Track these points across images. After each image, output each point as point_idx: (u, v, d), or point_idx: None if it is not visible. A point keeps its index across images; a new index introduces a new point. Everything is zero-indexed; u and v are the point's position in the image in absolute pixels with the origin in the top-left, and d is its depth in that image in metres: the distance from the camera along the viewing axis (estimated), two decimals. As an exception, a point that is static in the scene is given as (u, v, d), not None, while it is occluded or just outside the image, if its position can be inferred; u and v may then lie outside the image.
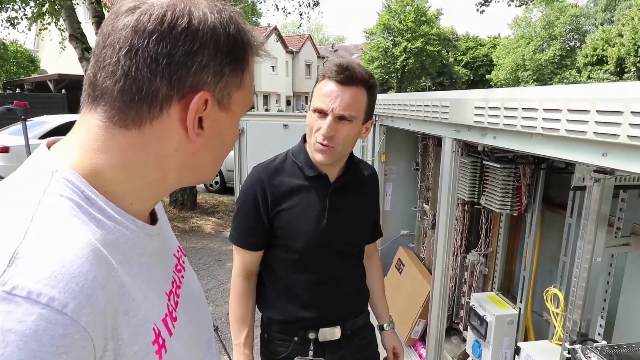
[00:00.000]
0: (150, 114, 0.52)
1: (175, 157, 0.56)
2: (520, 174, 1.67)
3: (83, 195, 0.49)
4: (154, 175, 0.56)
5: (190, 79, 0.52)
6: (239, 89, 0.58)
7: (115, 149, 0.52)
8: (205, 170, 0.61)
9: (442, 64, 33.35)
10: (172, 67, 0.50)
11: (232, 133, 0.62)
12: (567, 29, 31.35)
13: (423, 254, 2.54)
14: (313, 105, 1.23)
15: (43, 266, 0.40)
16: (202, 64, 0.52)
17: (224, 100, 0.56)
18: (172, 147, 0.55)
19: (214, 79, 0.54)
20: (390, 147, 2.58)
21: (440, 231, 1.69)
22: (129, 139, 0.52)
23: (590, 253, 1.18)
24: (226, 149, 0.62)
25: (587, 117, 0.91)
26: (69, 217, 0.46)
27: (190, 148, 0.56)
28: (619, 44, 24.65)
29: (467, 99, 1.42)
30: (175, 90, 0.51)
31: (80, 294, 0.41)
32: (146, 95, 0.51)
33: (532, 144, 1.13)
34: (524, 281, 1.78)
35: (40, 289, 0.39)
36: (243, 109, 0.61)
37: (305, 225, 1.29)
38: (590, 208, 1.15)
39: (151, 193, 0.58)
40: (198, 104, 0.52)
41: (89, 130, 0.53)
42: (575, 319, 1.24)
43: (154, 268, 0.59)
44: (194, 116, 0.53)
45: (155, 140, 0.53)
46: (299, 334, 1.33)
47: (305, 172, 1.31)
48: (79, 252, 0.44)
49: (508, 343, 1.71)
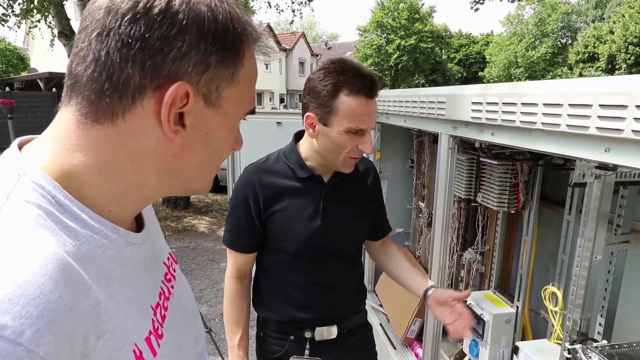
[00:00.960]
0: (122, 105, 0.46)
1: (155, 159, 0.49)
2: (517, 170, 1.65)
3: (55, 201, 0.44)
4: (132, 179, 0.50)
5: (167, 67, 0.45)
6: (231, 84, 0.51)
7: (89, 148, 0.47)
8: (192, 177, 0.54)
9: (435, 62, 33.39)
10: (145, 52, 0.44)
11: (223, 136, 0.54)
12: (559, 26, 31.54)
13: (419, 252, 2.52)
14: (348, 126, 1.12)
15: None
16: (182, 50, 0.45)
17: (211, 96, 0.49)
18: (149, 146, 0.48)
19: (197, 70, 0.47)
20: (385, 145, 2.55)
21: (437, 229, 1.67)
22: (102, 135, 0.47)
23: (591, 251, 1.16)
24: (217, 154, 0.55)
25: (589, 112, 0.89)
26: (34, 227, 0.41)
27: (171, 149, 0.49)
28: (610, 41, 24.82)
29: (464, 94, 1.39)
30: (149, 79, 0.45)
31: (39, 319, 0.36)
32: (117, 84, 0.45)
33: (532, 140, 1.11)
34: (521, 279, 1.76)
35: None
36: (239, 110, 0.54)
37: (299, 227, 1.26)
38: (591, 205, 1.13)
39: (131, 199, 0.52)
40: (175, 95, 0.46)
41: (62, 127, 0.48)
42: (575, 318, 1.21)
43: (137, 280, 0.53)
44: (169, 109, 0.46)
45: (131, 137, 0.47)
46: (295, 333, 1.31)
47: (297, 174, 1.27)
48: (41, 269, 0.38)
49: (505, 342, 1.69)
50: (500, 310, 1.68)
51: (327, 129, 1.16)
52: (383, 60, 31.50)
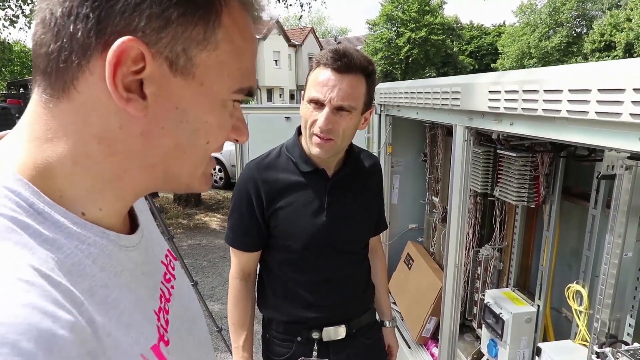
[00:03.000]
0: (69, 71, 0.39)
1: (123, 140, 0.42)
2: (537, 162, 1.56)
3: (32, 209, 0.38)
4: (107, 168, 0.43)
5: (115, 20, 0.38)
6: (205, 48, 0.42)
7: (57, 133, 0.41)
8: (174, 166, 0.46)
9: (446, 54, 32.97)
10: (89, 5, 0.38)
11: (201, 112, 0.45)
12: (574, 15, 30.79)
13: (433, 249, 2.45)
14: (308, 95, 1.13)
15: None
16: (132, 1, 0.38)
17: (178, 61, 0.41)
18: (113, 123, 0.41)
19: (152, 25, 0.39)
20: (397, 138, 2.47)
21: (452, 225, 1.60)
22: (63, 114, 0.41)
23: (620, 247, 1.08)
24: (202, 138, 0.46)
25: (621, 97, 0.81)
26: (5, 247, 0.35)
27: (136, 125, 0.42)
28: (628, 29, 24.16)
29: (480, 83, 1.32)
30: (95, 36, 0.38)
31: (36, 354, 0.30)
32: (61, 45, 0.38)
33: (555, 129, 1.03)
34: (542, 277, 1.68)
35: None
36: (223, 84, 0.45)
37: (303, 223, 1.21)
38: (620, 199, 1.05)
39: (115, 193, 0.45)
40: (120, 52, 0.38)
41: (30, 111, 0.42)
42: (604, 318, 1.14)
43: (138, 286, 0.48)
44: (115, 69, 0.38)
45: (91, 113, 0.40)
46: (302, 334, 1.26)
47: (300, 168, 1.22)
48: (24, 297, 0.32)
49: (526, 342, 1.62)
50: (520, 309, 1.61)
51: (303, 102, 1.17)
52: (393, 53, 31.23)
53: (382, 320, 1.50)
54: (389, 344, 1.50)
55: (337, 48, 1.12)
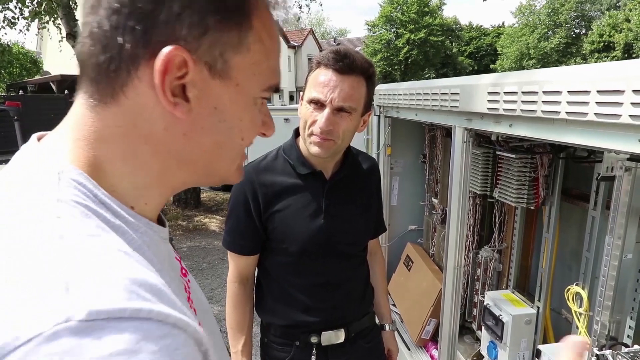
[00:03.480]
0: (120, 79, 0.42)
1: (168, 141, 0.46)
2: (537, 164, 1.56)
3: (97, 200, 0.42)
4: (154, 166, 0.46)
5: (159, 31, 0.41)
6: (239, 51, 0.45)
7: (105, 135, 0.44)
8: (212, 161, 0.50)
9: (445, 55, 33.00)
10: (134, 18, 0.41)
11: (238, 112, 0.48)
12: (573, 16, 30.83)
13: (432, 250, 2.45)
14: (308, 95, 1.12)
15: (111, 283, 0.33)
16: (173, 11, 0.41)
17: (216, 64, 0.44)
18: (159, 125, 0.44)
19: (193, 33, 0.42)
20: (396, 140, 2.47)
21: (452, 226, 1.60)
22: (111, 118, 0.44)
23: (620, 249, 1.08)
24: (237, 135, 0.50)
25: (621, 98, 0.81)
26: (93, 229, 0.38)
27: (180, 127, 0.45)
28: (627, 29, 24.19)
29: (479, 84, 1.31)
30: (141, 47, 0.41)
31: (169, 303, 0.35)
32: (111, 56, 0.42)
33: (555, 131, 1.03)
34: (542, 278, 1.68)
35: (124, 305, 0.31)
36: (255, 83, 0.48)
37: (301, 226, 1.20)
38: (620, 200, 1.05)
39: (159, 190, 0.49)
40: (167, 61, 0.41)
41: (75, 114, 0.45)
42: (604, 320, 1.14)
43: (175, 276, 0.52)
44: (163, 77, 0.41)
45: (138, 117, 0.44)
46: (301, 338, 1.25)
47: (297, 170, 1.21)
48: (129, 262, 0.37)
49: (526, 344, 1.61)
50: (520, 310, 1.60)
51: (302, 103, 1.16)
52: (392, 54, 31.25)
53: (381, 323, 1.49)
54: (388, 348, 1.49)
55: (339, 49, 1.12)
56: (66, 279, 0.31)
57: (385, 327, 1.49)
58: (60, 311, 0.29)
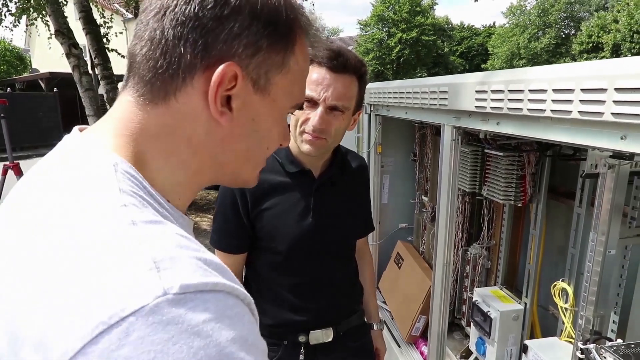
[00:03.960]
0: (174, 84, 0.46)
1: (207, 144, 0.50)
2: (524, 162, 1.58)
3: (147, 191, 0.45)
4: (192, 166, 0.51)
5: (219, 46, 0.46)
6: (281, 71, 0.51)
7: (150, 132, 0.48)
8: (240, 165, 0.55)
9: (437, 54, 33.13)
10: (198, 32, 0.45)
11: (270, 125, 0.53)
12: (562, 16, 31.15)
13: (422, 248, 2.46)
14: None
15: (187, 262, 0.37)
16: (233, 31, 0.46)
17: (260, 81, 0.49)
18: (201, 130, 0.49)
19: (247, 52, 0.47)
20: (387, 138, 2.48)
21: (441, 224, 1.61)
22: (159, 117, 0.47)
23: (604, 245, 1.09)
24: (264, 144, 0.55)
25: (604, 97, 0.82)
26: (153, 216, 0.42)
27: (219, 132, 0.49)
28: (615, 30, 24.50)
29: (467, 82, 1.33)
30: (200, 58, 0.46)
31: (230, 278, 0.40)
32: (169, 62, 0.46)
33: (540, 129, 1.04)
34: (529, 275, 1.70)
35: (205, 279, 0.36)
36: (287, 100, 0.54)
37: (289, 225, 1.20)
38: (604, 197, 1.07)
39: (191, 187, 0.53)
40: (223, 74, 0.46)
41: (122, 110, 0.48)
42: (588, 315, 1.15)
43: None
44: (217, 89, 0.46)
45: (184, 119, 0.48)
46: (289, 337, 1.24)
47: (286, 169, 1.21)
48: (191, 244, 0.40)
49: (513, 340, 1.63)
50: (507, 307, 1.62)
51: None
52: (384, 54, 31.30)
53: (370, 322, 1.50)
54: (376, 347, 1.50)
55: (332, 47, 1.11)
56: (153, 259, 0.35)
57: (374, 326, 1.50)
58: (158, 286, 0.33)
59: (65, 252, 0.36)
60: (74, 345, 0.32)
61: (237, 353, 0.35)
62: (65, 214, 0.39)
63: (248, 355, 0.36)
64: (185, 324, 0.33)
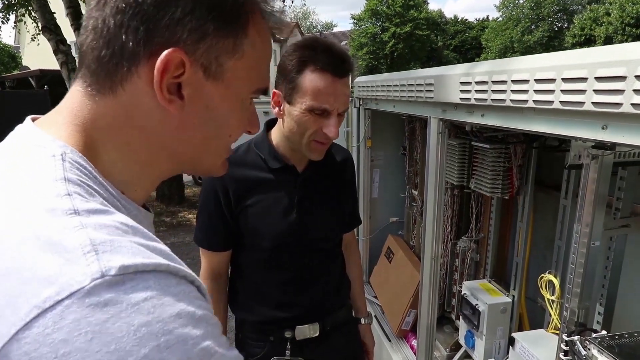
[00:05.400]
0: (119, 74, 0.45)
1: (161, 134, 0.49)
2: (511, 154, 1.57)
3: (97, 181, 0.45)
4: (146, 156, 0.50)
5: (161, 33, 0.44)
6: (233, 56, 0.49)
7: (100, 123, 0.47)
8: (199, 154, 0.53)
9: (431, 49, 33.12)
10: (138, 19, 0.44)
11: (226, 111, 0.52)
12: (555, 9, 31.20)
13: (413, 242, 2.46)
14: (309, 104, 1.05)
15: (128, 245, 0.37)
16: (175, 17, 0.44)
17: (211, 67, 0.48)
18: (153, 119, 0.48)
19: (192, 37, 0.45)
20: (376, 132, 2.47)
21: (429, 218, 1.60)
22: (108, 108, 0.47)
23: (588, 236, 1.09)
24: (225, 132, 0.54)
25: (584, 86, 0.81)
26: (100, 205, 0.41)
27: (172, 122, 0.48)
28: (607, 23, 24.57)
29: (452, 74, 1.31)
30: (143, 46, 0.44)
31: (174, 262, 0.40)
32: (113, 52, 0.45)
33: (523, 120, 1.03)
34: (517, 268, 1.70)
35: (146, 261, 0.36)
36: (245, 86, 0.52)
37: (273, 221, 1.18)
38: (587, 188, 1.06)
39: (148, 178, 0.52)
40: (167, 61, 0.44)
41: (73, 101, 0.47)
42: (573, 307, 1.15)
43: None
44: (162, 76, 0.45)
45: (134, 109, 0.47)
46: (275, 333, 1.24)
47: (269, 164, 1.19)
48: (137, 230, 0.40)
49: (502, 332, 1.63)
50: (495, 299, 1.62)
51: (290, 107, 1.09)
52: (378, 48, 31.24)
53: (357, 317, 1.49)
54: (364, 341, 1.49)
55: (329, 47, 1.08)
56: (92, 243, 0.35)
57: (362, 321, 1.49)
58: (95, 269, 0.33)
59: (4, 241, 0.36)
60: (8, 330, 0.31)
61: (183, 328, 0.35)
62: (5, 203, 0.39)
63: (195, 329, 0.36)
64: (125, 304, 0.33)
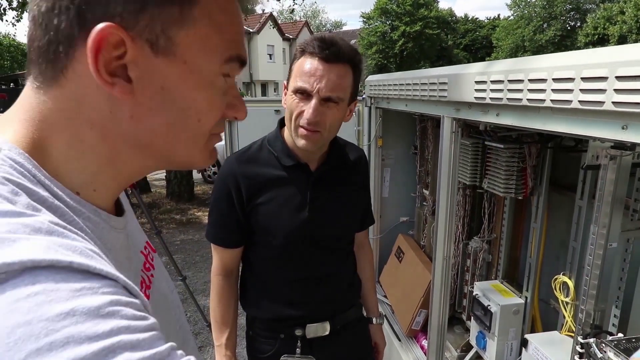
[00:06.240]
0: (59, 62, 0.41)
1: (115, 125, 0.44)
2: (525, 154, 1.55)
3: (36, 180, 0.40)
4: (101, 151, 0.45)
5: (93, 9, 0.39)
6: (183, 26, 0.43)
7: (49, 118, 0.43)
8: (166, 145, 0.47)
9: (441, 48, 32.92)
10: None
11: (187, 90, 0.45)
12: (568, 8, 30.80)
13: (424, 242, 2.45)
14: (293, 85, 1.08)
15: (27, 243, 0.33)
16: None
17: (159, 42, 0.42)
18: (104, 109, 0.43)
19: (129, 9, 0.40)
20: (387, 131, 2.46)
21: (441, 218, 1.59)
22: (54, 101, 0.43)
23: (605, 238, 1.07)
24: (193, 116, 0.47)
25: (604, 85, 0.80)
26: (19, 207, 0.38)
27: (125, 109, 0.43)
28: (621, 22, 24.21)
29: (467, 73, 1.30)
30: (77, 26, 0.40)
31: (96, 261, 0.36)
32: (49, 39, 0.41)
33: (540, 119, 1.02)
34: (530, 268, 1.68)
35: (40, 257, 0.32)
36: (207, 60, 0.46)
37: (285, 219, 1.18)
38: (605, 189, 1.04)
39: (110, 176, 0.47)
40: (99, 39, 0.39)
41: (23, 96, 0.44)
42: (588, 309, 1.14)
43: (121, 267, 0.49)
44: (96, 56, 0.39)
45: (81, 100, 0.42)
46: (285, 331, 1.24)
47: (282, 162, 1.19)
48: (55, 229, 0.36)
49: (514, 334, 1.62)
50: (508, 300, 1.61)
51: (287, 93, 1.13)
52: (388, 47, 31.13)
53: (369, 317, 1.49)
54: (375, 341, 1.49)
55: (323, 36, 1.08)
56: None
57: (373, 321, 1.48)
58: None
59: None
60: None
61: (76, 326, 0.30)
62: None
63: (99, 325, 0.31)
64: (2, 303, 0.30)
